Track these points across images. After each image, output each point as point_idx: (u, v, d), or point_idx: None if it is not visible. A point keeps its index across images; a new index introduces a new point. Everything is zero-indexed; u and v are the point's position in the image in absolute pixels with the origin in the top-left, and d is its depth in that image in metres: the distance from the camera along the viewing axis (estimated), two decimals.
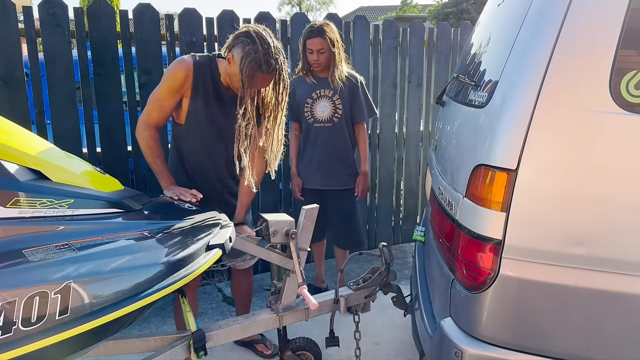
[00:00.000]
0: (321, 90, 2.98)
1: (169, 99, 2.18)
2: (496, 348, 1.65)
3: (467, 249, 1.65)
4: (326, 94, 2.99)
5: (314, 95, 2.99)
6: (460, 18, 20.27)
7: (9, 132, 1.70)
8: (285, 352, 2.36)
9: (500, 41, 1.81)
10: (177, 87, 2.16)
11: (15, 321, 1.28)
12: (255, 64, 1.98)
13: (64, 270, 1.40)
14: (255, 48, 1.99)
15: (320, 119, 3.02)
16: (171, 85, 2.16)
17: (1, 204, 1.49)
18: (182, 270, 1.63)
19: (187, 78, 2.15)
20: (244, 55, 2.00)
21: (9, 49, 2.75)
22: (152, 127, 2.22)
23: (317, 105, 3.00)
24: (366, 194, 3.22)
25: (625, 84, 1.46)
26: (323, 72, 2.98)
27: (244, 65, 1.98)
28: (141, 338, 1.97)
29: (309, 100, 3.00)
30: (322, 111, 3.01)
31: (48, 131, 2.97)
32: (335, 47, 2.87)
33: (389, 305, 2.63)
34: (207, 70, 2.20)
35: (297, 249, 2.13)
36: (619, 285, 1.52)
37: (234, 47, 2.07)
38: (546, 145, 1.51)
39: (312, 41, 2.86)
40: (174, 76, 2.15)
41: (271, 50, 2.02)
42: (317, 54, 2.87)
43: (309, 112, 3.02)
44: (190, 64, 2.16)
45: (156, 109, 2.20)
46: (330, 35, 2.85)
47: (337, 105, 2.99)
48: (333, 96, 2.97)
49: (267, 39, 2.03)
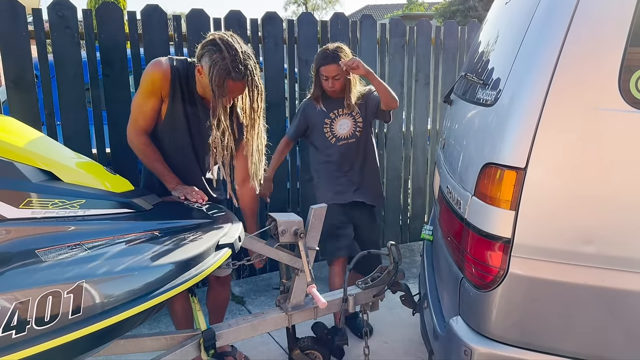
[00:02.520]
0: (339, 110, 2.87)
1: (148, 103, 2.13)
2: (505, 346, 1.65)
3: (476, 247, 1.65)
4: (345, 112, 2.87)
5: (332, 115, 2.88)
6: (467, 16, 20.19)
7: (21, 134, 1.72)
8: (294, 351, 2.37)
9: (508, 39, 1.80)
10: (155, 90, 2.11)
11: (29, 320, 1.30)
12: (224, 71, 1.93)
13: (76, 270, 1.41)
14: (222, 55, 1.93)
15: (342, 136, 2.89)
16: (149, 89, 2.10)
17: (14, 204, 1.51)
18: (192, 269, 1.64)
19: (164, 80, 2.09)
20: (211, 64, 1.94)
21: (19, 51, 2.77)
22: (142, 134, 2.18)
23: (337, 123, 2.88)
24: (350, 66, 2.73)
25: (634, 82, 1.46)
26: (338, 95, 2.85)
27: (213, 74, 1.93)
28: (152, 337, 1.98)
29: (327, 121, 2.88)
30: (342, 128, 2.89)
31: (58, 132, 2.99)
32: (350, 75, 2.74)
33: (398, 304, 2.63)
34: (184, 76, 2.14)
35: (305, 248, 2.13)
36: (629, 283, 1.52)
37: (202, 57, 2.00)
38: (555, 143, 1.51)
39: (326, 68, 2.71)
40: (151, 80, 2.09)
41: (239, 56, 1.95)
42: (332, 81, 2.74)
43: (329, 131, 2.90)
44: (168, 68, 2.09)
45: (140, 115, 2.16)
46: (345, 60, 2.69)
47: (357, 120, 2.88)
48: (352, 111, 2.86)
49: (234, 45, 1.96)
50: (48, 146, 1.78)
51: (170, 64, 2.11)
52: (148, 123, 2.18)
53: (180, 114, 2.17)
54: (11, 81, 2.79)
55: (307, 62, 3.57)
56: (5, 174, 1.54)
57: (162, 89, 2.11)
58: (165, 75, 2.09)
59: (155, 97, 2.12)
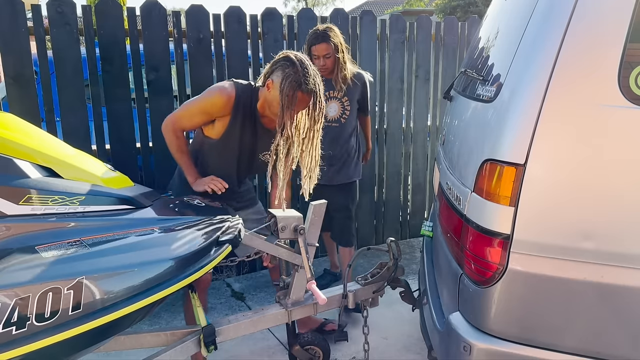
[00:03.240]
0: (330, 92, 3.00)
1: (200, 117, 2.25)
2: (504, 342, 1.65)
3: (476, 243, 1.65)
4: (335, 95, 3.02)
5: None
6: (468, 12, 20.15)
7: (20, 130, 1.72)
8: (294, 346, 2.38)
9: (508, 35, 1.80)
10: (212, 113, 2.22)
11: (30, 317, 1.30)
12: (296, 83, 2.05)
13: (76, 267, 1.42)
14: (295, 69, 2.06)
15: (329, 118, 3.05)
16: (207, 109, 2.22)
17: (14, 201, 1.51)
18: (192, 265, 1.65)
19: (224, 108, 2.20)
20: (284, 77, 2.06)
21: (18, 47, 2.77)
22: (178, 129, 2.29)
23: (327, 106, 3.02)
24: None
25: (634, 78, 1.46)
26: (329, 74, 2.99)
27: (284, 85, 2.06)
28: (152, 333, 1.99)
29: None
30: (330, 111, 3.05)
31: (57, 128, 2.99)
32: (339, 51, 2.90)
33: (397, 300, 2.63)
34: (247, 101, 2.24)
35: (305, 244, 2.14)
36: (628, 279, 1.52)
37: (274, 72, 2.13)
38: (554, 139, 1.51)
39: (317, 47, 2.88)
40: (212, 103, 2.20)
41: (310, 72, 2.09)
42: (323, 59, 2.89)
43: None
44: (232, 96, 2.19)
45: (186, 118, 2.27)
46: (334, 39, 2.88)
47: (345, 105, 3.04)
48: (342, 98, 3.02)
49: (306, 62, 2.11)
50: (48, 143, 1.78)
51: (236, 90, 2.21)
52: (189, 127, 2.32)
53: (237, 136, 2.27)
54: (10, 77, 2.78)
55: None
56: (5, 170, 1.54)
57: (218, 113, 2.22)
58: (228, 102, 2.19)
59: (208, 116, 2.24)
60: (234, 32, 3.29)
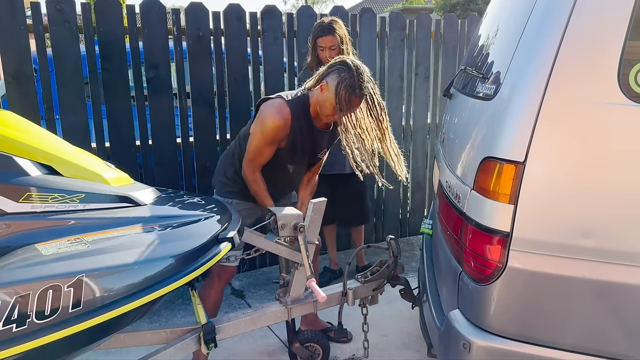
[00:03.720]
0: None
1: (269, 149, 2.29)
2: (504, 339, 1.65)
3: (475, 241, 1.66)
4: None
5: None
6: (468, 9, 20.11)
7: (20, 128, 1.71)
8: (294, 344, 2.38)
9: (508, 33, 1.80)
10: (278, 138, 2.27)
11: (30, 314, 1.30)
12: (351, 88, 2.13)
13: (76, 264, 1.41)
14: (351, 74, 2.13)
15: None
16: (273, 138, 2.26)
17: (13, 199, 1.51)
18: (191, 263, 1.65)
19: (285, 129, 2.25)
20: (340, 80, 2.13)
21: (18, 44, 2.77)
22: (257, 170, 2.33)
23: None
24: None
25: (633, 76, 1.46)
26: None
27: (340, 89, 2.13)
28: (152, 331, 1.99)
29: None
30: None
31: (57, 126, 2.99)
32: (344, 43, 2.99)
33: (397, 298, 2.64)
34: (301, 112, 2.28)
35: (305, 242, 2.14)
36: (628, 277, 1.52)
37: (329, 75, 2.19)
38: (554, 137, 1.51)
39: (323, 39, 2.96)
40: (275, 131, 2.24)
41: (364, 77, 2.16)
42: (328, 51, 2.97)
43: None
44: (288, 115, 2.24)
45: (259, 157, 2.30)
46: (339, 32, 2.97)
47: None
48: None
49: (361, 67, 2.18)
50: (47, 140, 1.78)
51: (290, 109, 2.26)
52: (265, 161, 2.34)
53: (298, 145, 2.33)
54: (10, 75, 2.78)
55: (306, 56, 3.56)
56: (4, 168, 1.53)
57: (283, 136, 2.28)
58: (286, 123, 2.25)
59: (276, 143, 2.30)
60: (233, 29, 3.29)
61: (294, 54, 3.61)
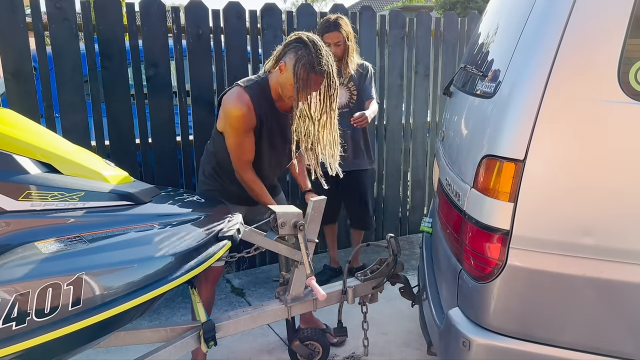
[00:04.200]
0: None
1: (247, 139, 2.22)
2: (504, 338, 1.65)
3: (475, 239, 1.66)
4: (341, 82, 3.12)
5: None
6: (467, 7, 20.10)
7: (19, 126, 1.71)
8: (294, 342, 2.38)
9: (508, 31, 1.80)
10: (249, 127, 2.20)
11: (29, 312, 1.31)
12: (309, 65, 2.04)
13: (76, 262, 1.42)
14: (308, 51, 2.05)
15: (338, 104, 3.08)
16: (243, 128, 2.19)
17: (13, 197, 1.51)
18: (191, 262, 1.65)
19: (251, 116, 2.18)
20: (297, 59, 2.05)
21: (17, 43, 2.76)
22: (248, 167, 2.27)
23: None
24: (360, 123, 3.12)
25: (633, 74, 1.45)
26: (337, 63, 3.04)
27: (298, 67, 2.04)
28: (151, 329, 1.99)
29: None
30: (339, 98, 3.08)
31: (57, 124, 2.98)
32: (349, 40, 3.04)
33: (397, 296, 2.64)
34: (262, 97, 2.21)
35: (305, 240, 2.14)
36: (628, 275, 1.52)
37: (286, 54, 2.11)
38: (554, 135, 1.51)
39: (329, 35, 2.99)
40: (242, 120, 2.17)
41: (322, 53, 2.07)
42: (334, 47, 3.00)
43: None
44: (249, 101, 2.17)
45: (242, 152, 2.24)
46: (345, 28, 3.02)
47: (352, 91, 3.18)
48: (348, 83, 3.15)
49: (318, 43, 2.10)
50: (47, 138, 1.78)
51: (249, 94, 2.17)
52: (251, 155, 2.27)
53: (266, 132, 2.26)
54: (9, 73, 2.78)
55: None
56: (4, 166, 1.53)
57: (252, 122, 2.20)
58: (250, 109, 2.17)
59: (250, 131, 2.22)
60: (233, 27, 3.29)
61: None
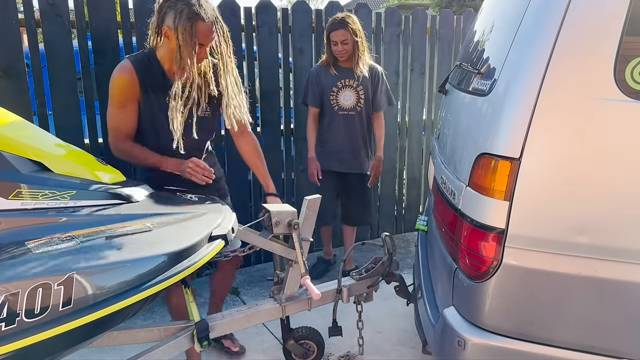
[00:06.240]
0: (345, 80, 3.17)
1: (126, 109, 2.09)
2: (499, 337, 1.65)
3: (470, 238, 1.65)
4: (350, 84, 3.17)
5: (339, 84, 3.18)
6: (463, 5, 20.10)
7: (10, 124, 1.69)
8: (288, 341, 2.37)
9: (504, 28, 1.79)
10: (129, 95, 2.08)
11: (19, 313, 1.29)
12: (192, 14, 1.93)
13: (67, 262, 1.40)
14: (185, 2, 1.94)
15: (345, 107, 3.21)
16: (122, 95, 2.07)
17: (3, 195, 1.49)
18: (185, 261, 1.63)
19: (133, 82, 2.06)
20: (177, 14, 1.93)
21: (9, 39, 2.73)
22: (125, 138, 2.13)
23: (342, 94, 3.19)
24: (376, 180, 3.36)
25: (630, 71, 1.45)
26: (347, 62, 3.14)
27: (182, 22, 1.92)
28: (145, 328, 1.97)
29: (334, 89, 3.19)
30: (346, 100, 3.20)
31: (49, 122, 2.96)
32: (358, 37, 3.04)
33: (392, 295, 2.63)
34: (148, 65, 2.10)
35: (299, 239, 2.12)
36: (622, 274, 1.52)
37: (166, 16, 1.98)
38: (550, 133, 1.50)
39: (335, 33, 3.01)
40: (120, 86, 2.06)
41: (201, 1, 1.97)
42: (341, 45, 3.03)
43: (335, 100, 3.21)
44: (131, 67, 2.06)
45: (119, 123, 2.11)
46: (352, 26, 3.03)
47: (360, 94, 3.20)
48: (357, 87, 3.18)
49: None
50: (38, 136, 1.76)
51: (132, 62, 2.08)
52: (130, 127, 2.13)
53: (157, 109, 2.13)
54: (1, 70, 2.75)
55: (301, 51, 3.54)
56: None
57: (134, 93, 2.08)
58: (132, 74, 2.06)
59: (130, 101, 2.09)
60: (227, 24, 3.25)
61: (288, 50, 3.59)
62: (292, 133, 3.70)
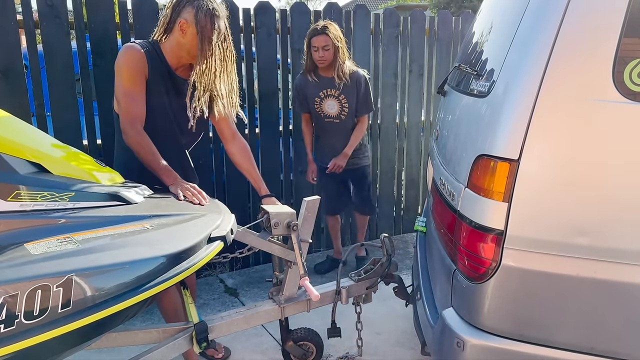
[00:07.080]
0: (327, 90, 3.21)
1: (137, 85, 2.07)
2: (498, 338, 1.65)
3: (469, 239, 1.65)
4: (332, 93, 3.21)
5: (322, 95, 3.23)
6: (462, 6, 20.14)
7: (9, 125, 1.69)
8: (287, 342, 2.37)
9: (502, 29, 1.79)
10: (140, 70, 2.07)
11: (18, 314, 1.28)
12: (212, 11, 2.03)
13: (66, 264, 1.39)
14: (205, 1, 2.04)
15: (330, 114, 3.28)
16: (131, 69, 2.05)
17: (2, 197, 1.49)
18: (183, 262, 1.63)
19: (143, 59, 2.07)
20: (197, 10, 2.02)
21: (8, 40, 2.73)
22: (137, 122, 2.08)
23: (325, 103, 3.25)
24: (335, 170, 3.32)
25: (628, 73, 1.45)
26: (327, 71, 3.17)
27: (201, 17, 2.01)
28: (143, 330, 1.97)
29: (317, 99, 3.24)
30: (330, 108, 3.26)
31: (48, 123, 2.95)
32: (338, 41, 3.09)
33: (391, 296, 2.63)
34: (155, 55, 2.12)
35: (298, 240, 2.12)
36: (621, 275, 1.52)
37: (183, 10, 2.05)
38: (548, 134, 1.50)
39: (316, 39, 3.06)
40: (131, 59, 2.05)
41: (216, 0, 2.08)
42: (321, 51, 3.07)
43: (319, 108, 3.27)
44: (139, 47, 2.08)
45: (131, 102, 2.07)
46: (333, 32, 3.07)
47: (343, 103, 3.23)
48: (339, 96, 3.21)
49: None
50: (37, 138, 1.75)
51: (139, 44, 2.11)
52: (140, 108, 2.09)
53: (162, 95, 2.15)
54: (0, 71, 2.75)
55: (300, 52, 3.54)
56: None
57: (144, 68, 2.08)
58: (141, 54, 2.07)
59: (141, 77, 2.08)
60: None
61: (287, 51, 3.59)
62: (290, 134, 3.70)
